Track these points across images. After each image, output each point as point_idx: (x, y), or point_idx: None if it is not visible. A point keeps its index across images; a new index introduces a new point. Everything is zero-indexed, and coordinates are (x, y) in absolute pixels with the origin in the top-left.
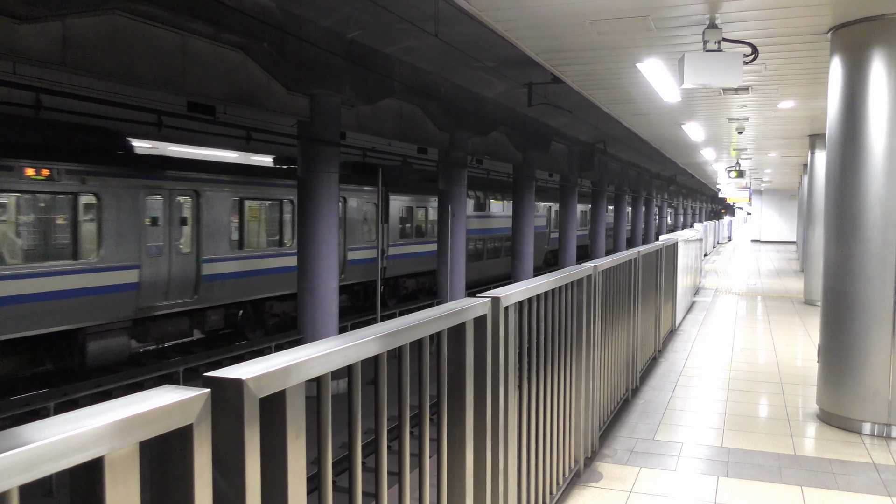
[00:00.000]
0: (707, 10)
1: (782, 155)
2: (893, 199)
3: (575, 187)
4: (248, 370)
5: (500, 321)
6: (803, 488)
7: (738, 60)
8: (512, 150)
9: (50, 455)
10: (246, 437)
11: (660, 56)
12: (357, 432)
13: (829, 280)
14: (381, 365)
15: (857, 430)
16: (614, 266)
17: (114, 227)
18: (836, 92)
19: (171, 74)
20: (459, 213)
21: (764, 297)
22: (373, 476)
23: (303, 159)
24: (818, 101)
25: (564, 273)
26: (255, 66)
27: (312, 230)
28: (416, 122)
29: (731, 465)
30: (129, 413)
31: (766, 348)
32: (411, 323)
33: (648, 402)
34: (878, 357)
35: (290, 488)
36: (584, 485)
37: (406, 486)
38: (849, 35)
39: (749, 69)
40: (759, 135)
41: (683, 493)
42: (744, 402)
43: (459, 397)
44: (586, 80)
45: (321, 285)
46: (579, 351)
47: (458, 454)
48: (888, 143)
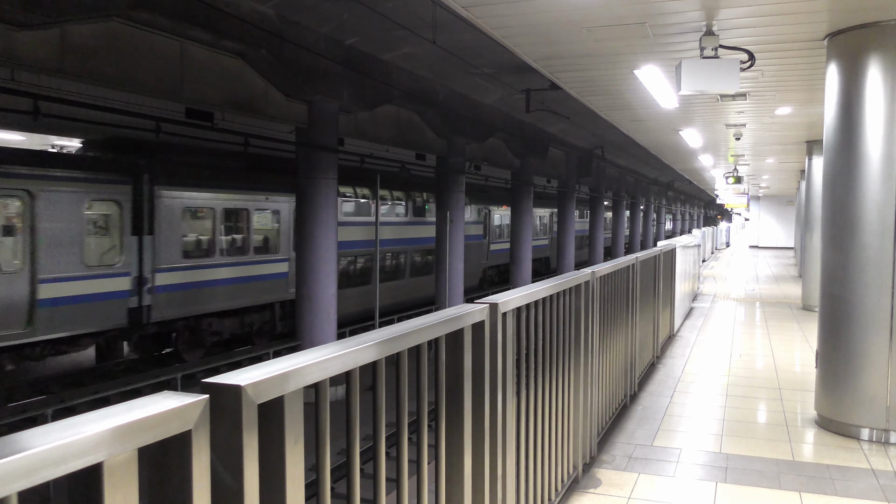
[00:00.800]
0: (704, 17)
1: (780, 161)
2: (890, 205)
3: (573, 193)
4: (247, 376)
5: (497, 327)
6: (802, 494)
7: (735, 67)
8: (510, 157)
9: (48, 461)
10: (244, 443)
11: (657, 63)
12: (355, 438)
13: (826, 286)
14: (380, 371)
15: (856, 436)
16: (612, 272)
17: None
18: (833, 98)
19: (170, 81)
20: (458, 220)
21: (762, 302)
22: (371, 482)
23: (301, 166)
24: (815, 107)
25: (562, 279)
26: (253, 73)
27: (310, 237)
28: (414, 128)
29: (730, 471)
30: (128, 419)
31: (765, 354)
32: (409, 329)
33: (647, 408)
34: (876, 363)
35: (288, 494)
36: (583, 491)
37: (404, 493)
38: (845, 42)
39: (746, 76)
40: (757, 141)
41: (682, 499)
42: (742, 407)
43: (458, 403)
44: (584, 87)
45: (319, 292)
46: (577, 357)
47: (456, 460)
48: (885, 148)
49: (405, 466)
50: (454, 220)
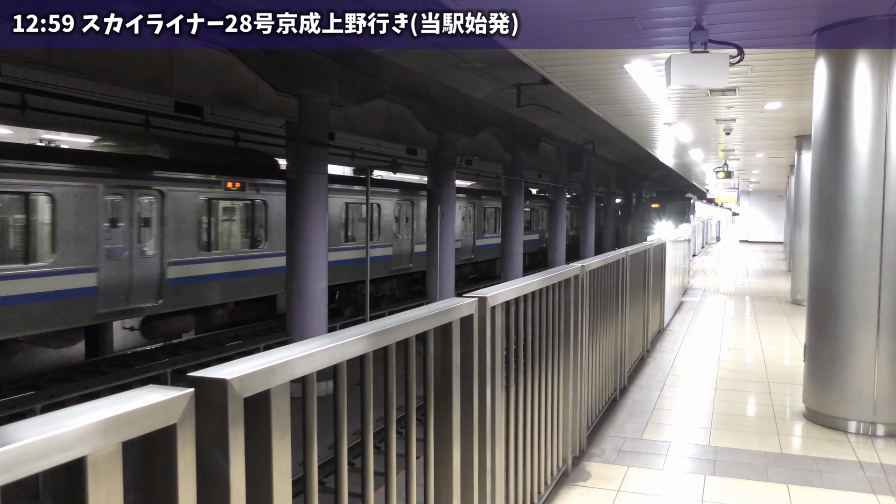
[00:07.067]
0: (693, 11)
1: (770, 156)
2: (877, 200)
3: (564, 189)
4: (233, 370)
5: (486, 321)
6: (789, 486)
7: (725, 62)
8: (501, 151)
9: (32, 455)
10: (230, 437)
11: (647, 57)
12: (343, 432)
13: (814, 280)
14: (367, 365)
15: (843, 429)
16: (602, 266)
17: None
18: (821, 93)
19: (159, 75)
20: (448, 214)
21: (752, 296)
22: (359, 477)
23: (291, 160)
24: (804, 102)
25: (552, 273)
26: (242, 67)
27: (301, 232)
28: (405, 122)
29: (719, 463)
30: (112, 413)
31: (754, 348)
32: (397, 322)
33: (636, 401)
34: (863, 356)
35: (275, 488)
36: (572, 484)
37: (393, 487)
38: (833, 36)
39: (735, 70)
40: (747, 136)
41: (671, 492)
42: (731, 401)
43: (446, 397)
44: (574, 82)
45: (310, 287)
46: (567, 351)
47: (445, 454)
48: (872, 143)
49: (393, 461)
50: (445, 215)
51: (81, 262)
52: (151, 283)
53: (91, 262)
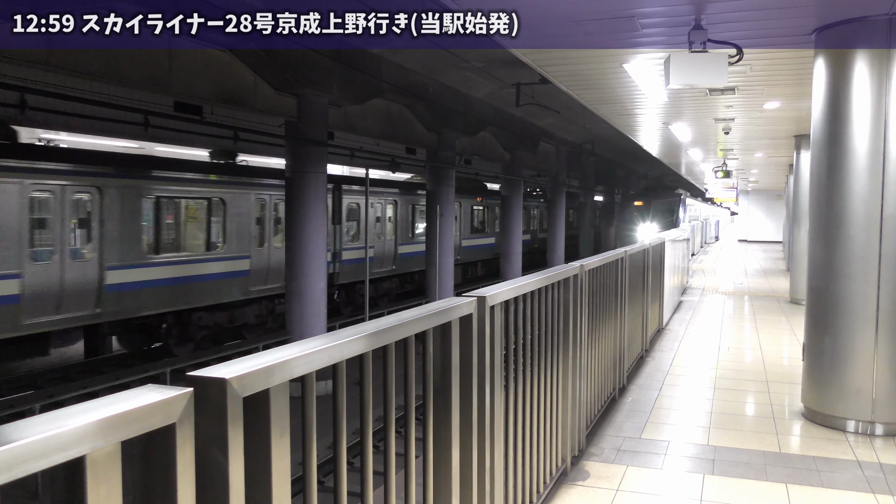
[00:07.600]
0: (693, 11)
1: (768, 155)
2: (876, 199)
3: (563, 187)
4: (232, 369)
5: (486, 320)
6: (788, 485)
7: (724, 61)
8: (500, 150)
9: (31, 454)
10: (229, 436)
11: (646, 57)
12: (342, 432)
13: (813, 279)
14: (367, 364)
15: (842, 428)
16: (601, 265)
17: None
18: (820, 93)
19: (158, 74)
20: (448, 213)
21: (750, 296)
22: (358, 476)
23: (291, 159)
24: (803, 101)
25: (551, 272)
26: (242, 66)
27: (300, 231)
28: (405, 122)
29: (717, 462)
30: (111, 412)
31: (753, 347)
32: (397, 322)
33: (636, 400)
34: (862, 355)
35: (274, 487)
36: (571, 483)
37: (392, 486)
38: (832, 36)
39: (734, 70)
40: (746, 135)
41: (670, 491)
42: (730, 400)
43: (445, 397)
44: (573, 81)
45: (309, 286)
46: (566, 350)
47: (444, 454)
48: (871, 143)
49: (392, 460)
50: (444, 215)
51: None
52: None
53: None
